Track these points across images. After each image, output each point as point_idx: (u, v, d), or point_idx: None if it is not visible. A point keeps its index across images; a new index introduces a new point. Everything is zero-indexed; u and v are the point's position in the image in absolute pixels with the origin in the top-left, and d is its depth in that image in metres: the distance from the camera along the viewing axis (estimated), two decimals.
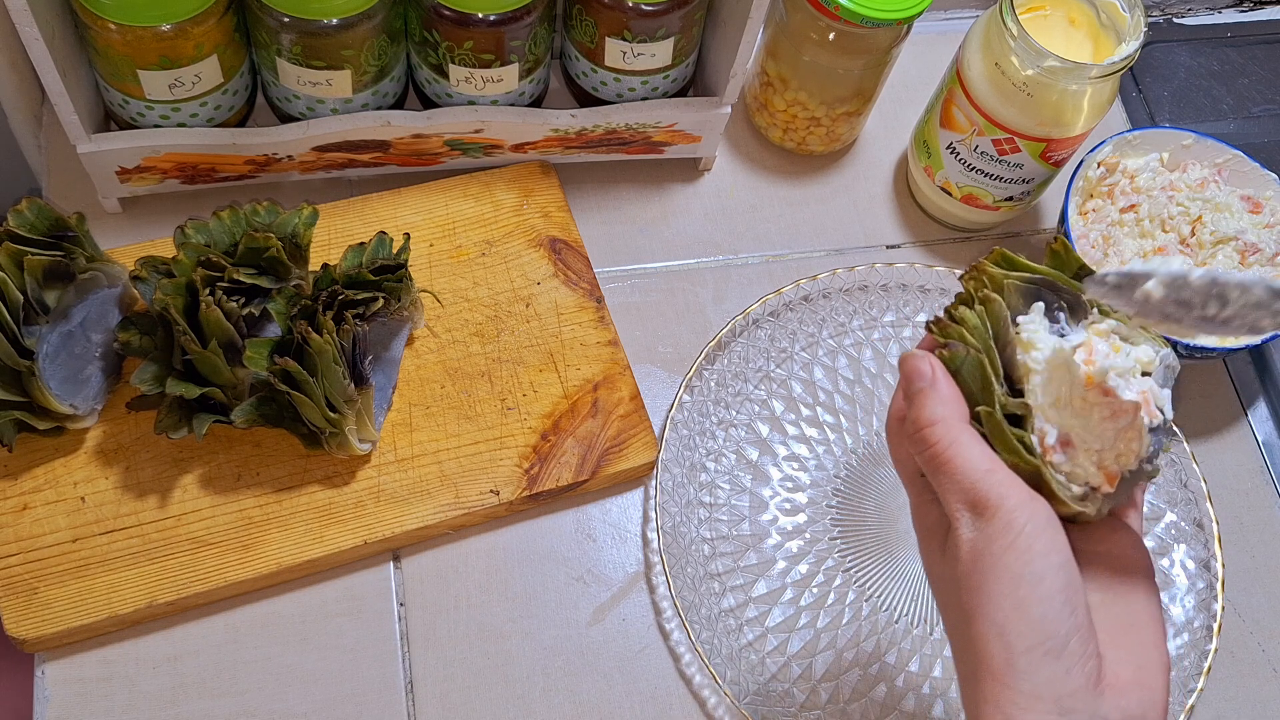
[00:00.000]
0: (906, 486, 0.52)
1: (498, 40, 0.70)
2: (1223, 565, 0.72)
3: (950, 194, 0.81)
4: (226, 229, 0.68)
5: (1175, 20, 0.98)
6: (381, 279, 0.68)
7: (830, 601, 0.70)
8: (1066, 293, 0.51)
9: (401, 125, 0.73)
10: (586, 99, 0.78)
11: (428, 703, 0.66)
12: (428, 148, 0.76)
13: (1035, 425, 0.48)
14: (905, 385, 0.50)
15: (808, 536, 0.72)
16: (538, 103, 0.79)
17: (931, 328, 0.51)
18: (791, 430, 0.75)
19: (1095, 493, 0.48)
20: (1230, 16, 0.98)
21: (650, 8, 0.70)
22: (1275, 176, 0.78)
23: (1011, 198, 0.80)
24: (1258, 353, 0.84)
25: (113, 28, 0.64)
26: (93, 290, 0.67)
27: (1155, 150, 0.79)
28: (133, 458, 0.67)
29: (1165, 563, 0.73)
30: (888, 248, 0.84)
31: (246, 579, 0.66)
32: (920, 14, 0.73)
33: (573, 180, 0.82)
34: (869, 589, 0.71)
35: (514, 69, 0.73)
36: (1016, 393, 0.49)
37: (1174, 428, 0.75)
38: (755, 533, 0.72)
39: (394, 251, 0.70)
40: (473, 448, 0.70)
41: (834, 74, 0.77)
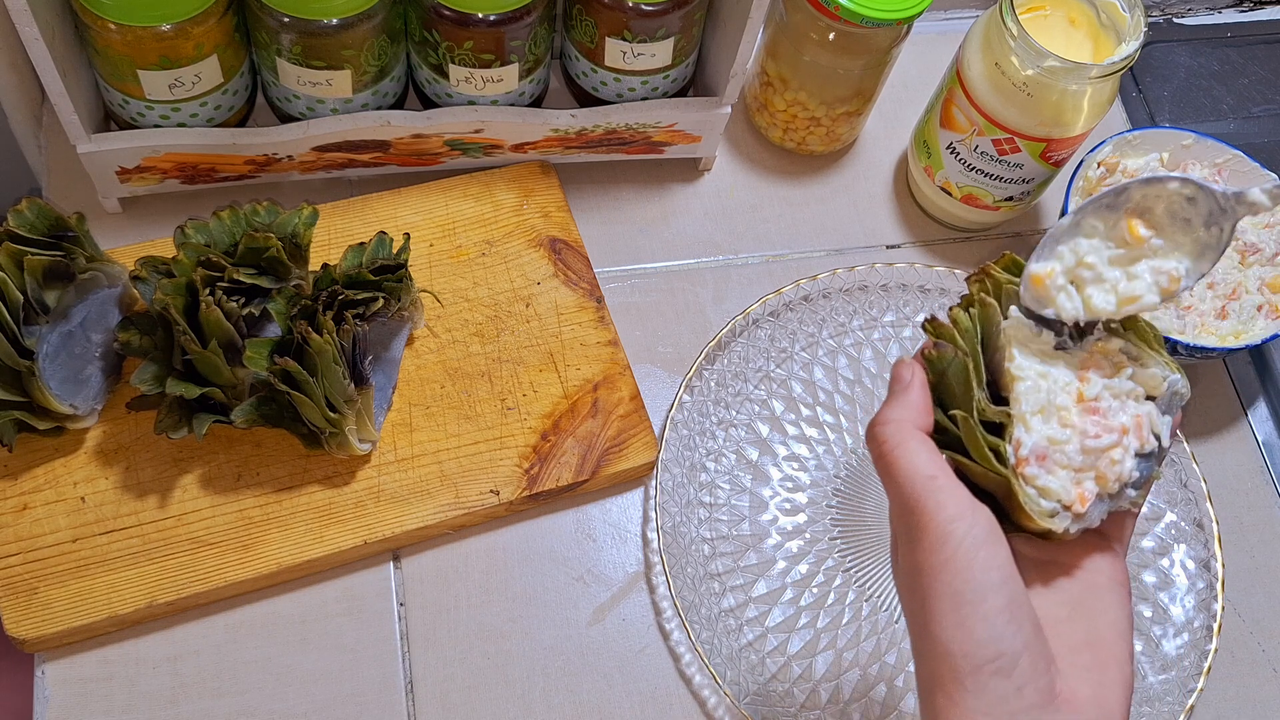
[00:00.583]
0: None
1: (498, 40, 0.70)
2: (1223, 565, 0.72)
3: (950, 194, 0.81)
4: (226, 229, 0.68)
5: (1175, 20, 0.98)
6: (381, 279, 0.68)
7: (830, 601, 0.70)
8: None
9: (401, 125, 0.73)
10: (586, 99, 0.78)
11: (428, 703, 0.66)
12: (428, 148, 0.76)
13: (1013, 434, 0.47)
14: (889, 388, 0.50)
15: (808, 536, 0.72)
16: (538, 103, 0.79)
17: (926, 327, 0.51)
18: (791, 430, 0.75)
19: (1066, 511, 0.47)
20: (1230, 16, 0.98)
21: (650, 8, 0.70)
22: (1275, 176, 0.78)
23: (1011, 198, 0.80)
24: (1258, 353, 0.84)
25: (113, 28, 0.64)
26: (93, 290, 0.67)
27: (1155, 150, 0.79)
28: (133, 458, 0.67)
29: (1165, 563, 0.73)
30: (888, 248, 0.84)
31: (246, 579, 0.66)
32: (920, 14, 0.73)
33: (573, 180, 0.82)
34: (869, 589, 0.71)
35: (514, 69, 0.73)
36: (1006, 400, 0.48)
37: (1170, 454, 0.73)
38: (755, 533, 0.72)
39: (394, 251, 0.70)
40: (473, 448, 0.70)
41: (834, 74, 0.77)
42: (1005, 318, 0.50)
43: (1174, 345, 0.73)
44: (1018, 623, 0.43)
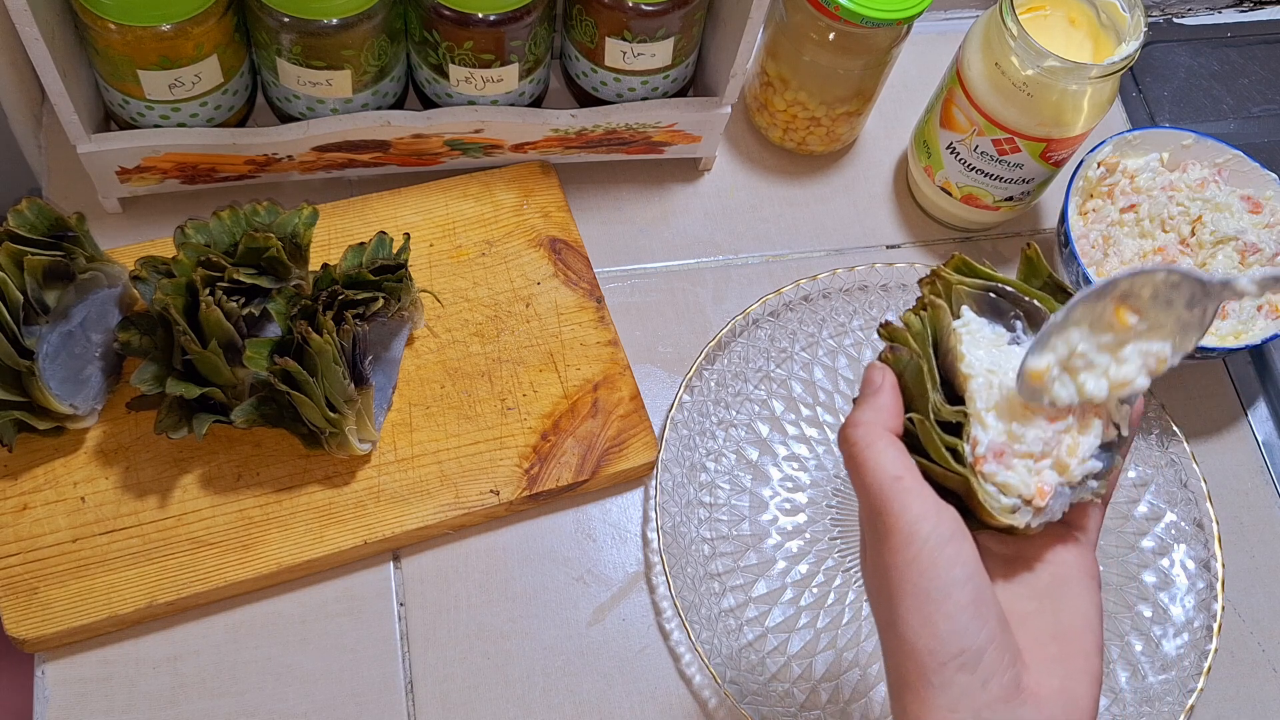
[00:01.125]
0: None
1: (498, 40, 0.70)
2: (1223, 565, 0.72)
3: (950, 194, 0.81)
4: (226, 229, 0.68)
5: (1175, 20, 0.98)
6: (381, 279, 0.68)
7: (830, 601, 0.70)
8: (1025, 301, 0.50)
9: (401, 125, 0.73)
10: (586, 99, 0.78)
11: (428, 703, 0.66)
12: (428, 148, 0.76)
13: (971, 433, 0.48)
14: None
15: (808, 536, 0.72)
16: (538, 103, 0.79)
17: (881, 331, 0.51)
18: (791, 430, 0.75)
19: (1028, 505, 0.47)
20: (1230, 16, 0.98)
21: (650, 8, 0.70)
22: (1275, 176, 0.78)
23: (1011, 198, 0.80)
24: (1258, 353, 0.84)
25: (113, 28, 0.64)
26: (93, 290, 0.67)
27: (1155, 150, 0.79)
28: (133, 458, 0.67)
29: (1165, 563, 0.73)
30: (888, 248, 0.84)
31: (246, 579, 0.66)
32: (920, 14, 0.73)
33: (573, 180, 0.82)
34: None
35: (514, 69, 0.73)
36: (962, 399, 0.49)
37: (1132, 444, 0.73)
38: (755, 533, 0.72)
39: (394, 251, 0.70)
40: (473, 448, 0.70)
41: (834, 74, 0.77)
42: (958, 317, 0.50)
43: None
44: (982, 618, 0.44)
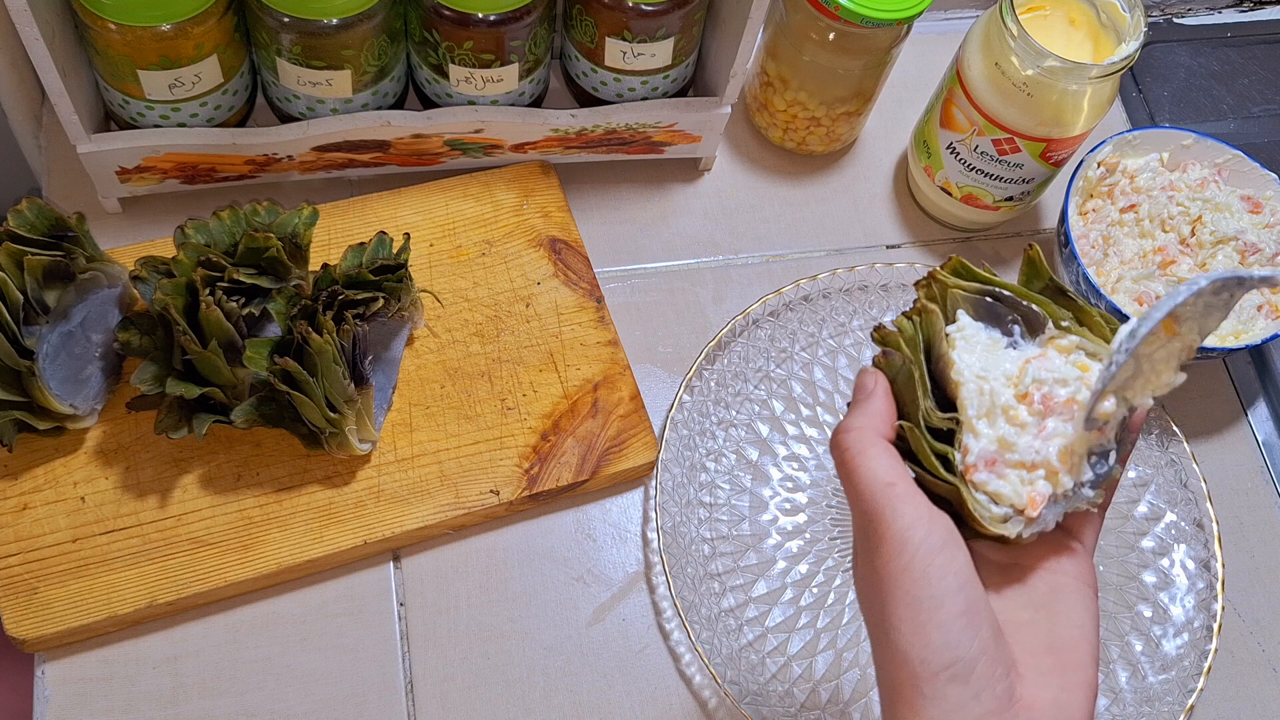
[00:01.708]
0: None
1: (498, 40, 0.70)
2: (1223, 565, 0.72)
3: (950, 194, 0.81)
4: (226, 229, 0.68)
5: (1175, 20, 0.98)
6: (381, 279, 0.68)
7: (830, 601, 0.70)
8: (1023, 305, 0.49)
9: (401, 125, 0.73)
10: (586, 99, 0.78)
11: (428, 703, 0.66)
12: (428, 148, 0.76)
13: (962, 441, 0.47)
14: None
15: (808, 536, 0.72)
16: (538, 103, 0.79)
17: (874, 335, 0.50)
18: (791, 430, 0.75)
19: (1019, 515, 0.46)
20: (1230, 16, 0.98)
21: (650, 8, 0.70)
22: (1275, 176, 0.78)
23: (1011, 198, 0.80)
24: (1258, 353, 0.84)
25: (113, 28, 0.64)
26: (93, 290, 0.67)
27: (1155, 150, 0.79)
28: (133, 458, 0.67)
29: (1165, 563, 0.73)
30: (888, 248, 0.84)
31: (246, 579, 0.66)
32: (920, 14, 0.73)
33: (573, 180, 0.82)
34: None
35: (514, 69, 0.73)
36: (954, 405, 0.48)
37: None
38: (755, 533, 0.72)
39: (394, 251, 0.70)
40: (473, 448, 0.70)
41: (834, 74, 0.77)
42: (954, 321, 0.49)
43: None
44: (974, 628, 0.43)
